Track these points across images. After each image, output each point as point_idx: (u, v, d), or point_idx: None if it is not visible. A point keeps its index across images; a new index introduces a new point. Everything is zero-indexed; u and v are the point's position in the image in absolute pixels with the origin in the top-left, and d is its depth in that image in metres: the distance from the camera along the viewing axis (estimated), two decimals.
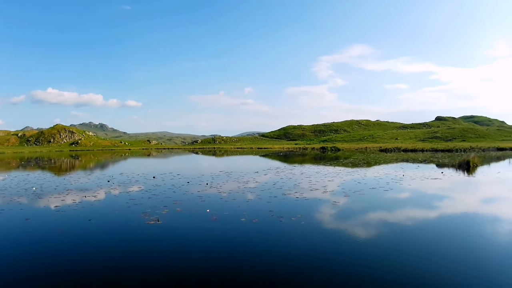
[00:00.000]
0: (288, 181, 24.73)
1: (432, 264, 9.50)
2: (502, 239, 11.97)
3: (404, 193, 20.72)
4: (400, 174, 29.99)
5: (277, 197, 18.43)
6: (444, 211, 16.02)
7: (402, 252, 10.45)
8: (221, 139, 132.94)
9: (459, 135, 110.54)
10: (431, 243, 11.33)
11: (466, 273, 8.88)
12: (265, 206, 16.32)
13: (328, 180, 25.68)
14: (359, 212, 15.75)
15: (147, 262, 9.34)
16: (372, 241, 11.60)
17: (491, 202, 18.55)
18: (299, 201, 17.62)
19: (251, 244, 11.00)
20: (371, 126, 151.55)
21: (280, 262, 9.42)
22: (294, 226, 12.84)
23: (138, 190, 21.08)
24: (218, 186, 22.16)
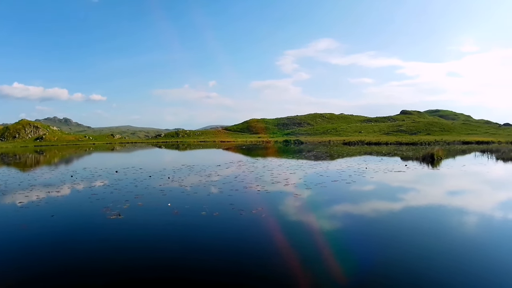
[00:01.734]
0: (250, 174, 24.93)
1: (397, 254, 9.74)
2: (467, 230, 12.34)
3: (366, 185, 21.05)
4: (363, 167, 30.23)
5: (238, 191, 18.55)
6: (406, 203, 16.35)
7: (365, 243, 10.67)
8: (184, 132, 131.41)
9: (424, 129, 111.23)
10: (394, 234, 11.62)
11: (433, 262, 9.07)
12: (226, 199, 16.45)
13: (290, 173, 25.91)
14: (320, 205, 15.99)
15: (108, 257, 9.43)
16: (334, 233, 11.81)
17: (455, 194, 18.90)
18: (261, 194, 17.78)
19: (211, 237, 11.07)
20: (334, 120, 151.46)
21: (239, 255, 9.58)
22: (255, 219, 12.99)
23: (101, 184, 21.03)
24: (179, 180, 22.20)
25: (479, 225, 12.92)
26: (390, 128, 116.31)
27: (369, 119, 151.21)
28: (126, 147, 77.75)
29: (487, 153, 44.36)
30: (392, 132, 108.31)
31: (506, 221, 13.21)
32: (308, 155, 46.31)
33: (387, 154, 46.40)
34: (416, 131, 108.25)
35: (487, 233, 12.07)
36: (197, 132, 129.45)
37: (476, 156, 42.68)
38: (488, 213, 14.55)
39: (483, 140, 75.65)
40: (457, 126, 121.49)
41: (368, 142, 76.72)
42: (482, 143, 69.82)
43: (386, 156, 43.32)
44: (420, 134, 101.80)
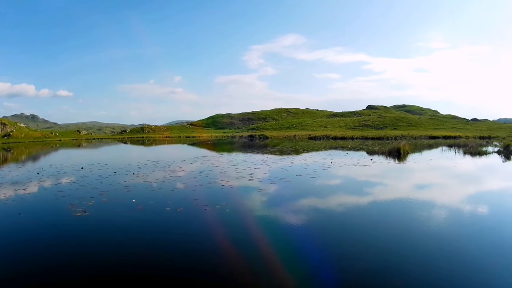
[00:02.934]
0: (215, 170, 25.04)
1: (362, 247, 9.98)
2: (434, 223, 12.69)
3: (331, 179, 21.36)
4: (328, 161, 30.47)
5: (202, 186, 18.69)
6: (371, 197, 16.71)
7: (329, 237, 10.94)
8: (149, 128, 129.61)
9: (390, 124, 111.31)
10: (359, 227, 11.89)
11: (400, 255, 9.39)
12: (190, 194, 16.53)
13: (254, 168, 26.08)
14: (284, 199, 16.23)
15: (73, 254, 9.51)
16: (297, 226, 12.05)
17: (421, 188, 19.26)
18: (225, 189, 17.99)
19: (175, 233, 11.26)
20: (300, 115, 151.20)
21: (202, 250, 9.73)
22: (218, 214, 13.15)
23: (67, 181, 20.93)
24: (144, 176, 22.26)
25: (446, 218, 13.29)
26: (356, 123, 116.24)
27: (335, 114, 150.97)
28: (92, 143, 77.15)
29: (454, 148, 44.59)
30: (358, 127, 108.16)
31: (472, 214, 13.60)
32: (273, 150, 46.45)
33: (352, 149, 46.53)
34: (382, 126, 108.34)
35: (454, 226, 12.42)
36: (162, 128, 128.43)
37: (443, 150, 43.01)
38: (454, 206, 14.94)
39: (451, 134, 75.77)
40: (424, 121, 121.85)
41: (333, 137, 76.90)
42: (450, 138, 70.10)
43: (352, 151, 43.57)
44: (386, 129, 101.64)
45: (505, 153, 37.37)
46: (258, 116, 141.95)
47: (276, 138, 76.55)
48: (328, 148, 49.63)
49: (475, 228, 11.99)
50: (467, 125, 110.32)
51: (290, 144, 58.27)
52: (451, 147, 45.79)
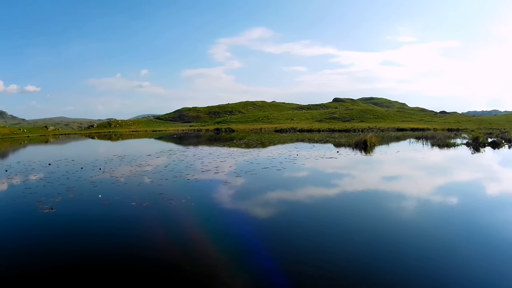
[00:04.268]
0: (180, 163, 25.10)
1: (330, 238, 10.25)
2: (401, 213, 13.05)
3: (296, 172, 21.59)
4: (294, 153, 30.66)
5: (168, 180, 18.76)
6: (336, 188, 16.98)
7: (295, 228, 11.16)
8: (116, 122, 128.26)
9: (357, 116, 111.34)
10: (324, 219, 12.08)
11: (370, 246, 9.63)
12: (156, 189, 16.62)
13: (220, 161, 26.19)
14: (249, 192, 16.54)
15: (40, 251, 9.58)
16: (262, 219, 12.27)
17: (387, 179, 19.68)
18: (190, 183, 18.15)
19: (141, 228, 11.37)
20: (266, 107, 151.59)
21: (168, 244, 9.87)
22: (184, 208, 13.30)
23: (34, 178, 20.66)
24: (110, 171, 22.24)
25: (414, 209, 13.58)
26: (323, 116, 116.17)
27: (301, 107, 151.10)
28: (59, 139, 76.43)
29: (422, 140, 44.86)
30: (325, 119, 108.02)
31: (440, 205, 13.94)
32: (239, 143, 46.54)
33: (319, 141, 46.68)
34: (349, 118, 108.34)
35: (422, 216, 12.72)
36: (129, 122, 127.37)
37: (411, 142, 43.27)
38: (419, 197, 15.28)
39: (418, 127, 75.93)
40: (391, 113, 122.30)
41: (300, 129, 76.84)
42: (417, 130, 70.24)
43: (318, 143, 43.69)
44: (353, 121, 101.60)
45: (474, 145, 37.75)
46: (225, 110, 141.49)
47: (242, 131, 76.61)
48: (295, 140, 49.72)
49: (444, 218, 12.29)
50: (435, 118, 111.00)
51: (256, 137, 58.37)
52: (419, 139, 46.06)
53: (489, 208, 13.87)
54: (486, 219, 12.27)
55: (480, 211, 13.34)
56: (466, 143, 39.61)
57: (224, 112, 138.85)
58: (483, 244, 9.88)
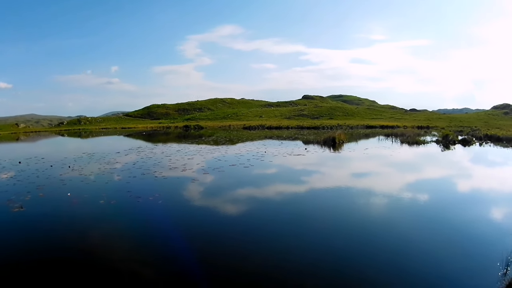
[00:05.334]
0: (148, 161, 25.11)
1: (298, 235, 10.43)
2: (369, 209, 13.36)
3: (264, 169, 21.85)
4: (262, 150, 30.86)
5: (136, 177, 18.86)
6: (303, 185, 17.27)
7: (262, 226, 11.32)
8: (86, 119, 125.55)
9: (326, 113, 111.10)
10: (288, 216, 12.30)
11: (338, 243, 9.86)
12: (124, 186, 16.71)
13: (188, 158, 26.28)
14: (216, 189, 16.68)
15: (10, 249, 9.68)
16: (229, 216, 12.53)
17: (354, 176, 20.05)
18: (158, 180, 18.21)
19: (108, 225, 11.46)
20: (235, 105, 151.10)
21: (134, 242, 10.05)
22: (151, 205, 13.46)
23: (4, 177, 20.51)
24: (80, 169, 22.12)
25: (381, 205, 13.91)
26: (292, 113, 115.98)
27: (270, 104, 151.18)
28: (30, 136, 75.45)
29: (391, 137, 45.17)
30: (294, 117, 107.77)
31: (406, 201, 14.23)
32: (208, 140, 46.53)
33: (287, 138, 47.03)
34: (318, 115, 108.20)
35: (389, 212, 13.07)
36: (98, 119, 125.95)
37: (380, 140, 43.46)
38: (385, 193, 15.60)
39: (388, 124, 76.03)
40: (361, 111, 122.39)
41: (268, 126, 76.62)
42: (387, 127, 70.20)
43: (287, 140, 44.07)
44: (322, 119, 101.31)
45: (444, 142, 38.25)
46: (194, 107, 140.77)
47: (211, 128, 76.37)
48: (263, 137, 49.87)
49: (411, 214, 12.68)
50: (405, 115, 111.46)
51: (225, 134, 58.31)
52: (388, 137, 46.35)
53: (457, 204, 14.30)
54: (453, 215, 12.57)
55: (447, 206, 13.65)
56: (436, 140, 40.12)
57: (193, 109, 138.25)
58: (449, 237, 10.23)
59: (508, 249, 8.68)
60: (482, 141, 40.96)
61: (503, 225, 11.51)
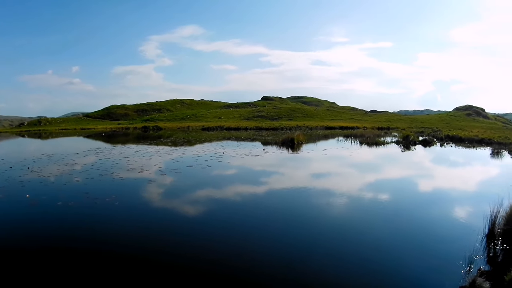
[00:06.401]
0: (107, 162, 24.98)
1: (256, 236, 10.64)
2: (327, 210, 13.59)
3: (221, 170, 22.08)
4: (220, 151, 31.05)
5: (94, 179, 18.79)
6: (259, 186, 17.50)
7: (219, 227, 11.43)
8: (46, 120, 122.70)
9: (285, 115, 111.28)
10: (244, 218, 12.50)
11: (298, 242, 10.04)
12: (81, 188, 16.62)
13: (146, 159, 26.27)
14: (172, 190, 16.89)
15: None
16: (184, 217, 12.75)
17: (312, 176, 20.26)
18: (115, 181, 18.22)
19: (65, 228, 11.43)
20: (194, 106, 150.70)
21: (91, 243, 10.07)
22: (108, 207, 13.52)
23: None
24: (39, 170, 21.85)
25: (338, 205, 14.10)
26: (251, 114, 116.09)
27: (229, 105, 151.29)
28: None
29: (351, 138, 45.55)
30: (253, 118, 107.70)
31: (367, 201, 14.65)
32: (166, 141, 46.46)
33: (246, 139, 47.26)
34: (277, 116, 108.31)
35: (347, 213, 13.32)
36: (59, 120, 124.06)
37: (339, 140, 43.92)
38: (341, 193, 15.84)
39: (348, 125, 76.43)
40: (320, 112, 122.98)
41: (227, 128, 76.75)
42: (347, 128, 70.63)
43: (245, 141, 44.35)
44: (281, 120, 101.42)
45: (404, 143, 38.92)
46: (153, 107, 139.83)
47: (170, 129, 76.16)
48: (221, 138, 50.08)
49: (372, 214, 12.94)
50: (365, 117, 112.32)
51: (184, 135, 58.24)
52: (348, 138, 46.72)
53: (418, 203, 14.78)
54: (414, 214, 12.98)
55: (408, 206, 14.17)
56: (396, 141, 41.04)
57: (153, 110, 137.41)
58: (411, 236, 10.59)
59: (470, 247, 9.11)
60: (443, 142, 41.82)
61: (464, 224, 11.91)
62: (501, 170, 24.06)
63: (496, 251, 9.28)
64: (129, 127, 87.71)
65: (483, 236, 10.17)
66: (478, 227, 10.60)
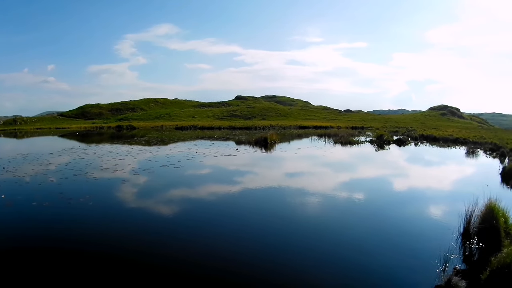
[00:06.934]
0: (81, 162, 24.93)
1: (231, 235, 10.83)
2: (301, 208, 13.93)
3: (194, 169, 22.35)
4: (194, 151, 31.33)
5: (68, 179, 18.79)
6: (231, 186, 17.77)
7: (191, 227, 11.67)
8: (21, 119, 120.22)
9: (259, 114, 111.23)
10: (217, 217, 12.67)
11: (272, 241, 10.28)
12: (56, 188, 16.63)
13: (119, 159, 26.29)
14: (145, 190, 16.99)
15: None
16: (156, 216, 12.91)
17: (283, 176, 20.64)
18: (89, 181, 18.26)
19: (40, 228, 11.53)
20: (168, 105, 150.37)
21: (65, 243, 10.19)
22: (82, 207, 13.58)
23: None
24: (14, 170, 21.77)
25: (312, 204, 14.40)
26: (224, 113, 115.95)
27: (203, 104, 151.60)
28: None
29: (324, 137, 45.90)
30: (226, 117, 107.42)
31: (341, 200, 15.00)
32: (140, 140, 46.58)
33: (219, 139, 47.50)
34: (251, 116, 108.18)
35: (322, 212, 13.59)
36: (34, 119, 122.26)
37: (313, 140, 44.39)
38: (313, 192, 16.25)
39: (321, 125, 77.00)
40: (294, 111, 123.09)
41: (201, 127, 76.87)
42: (320, 128, 71.25)
43: (218, 141, 44.60)
44: (255, 119, 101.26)
45: (378, 142, 39.40)
46: (127, 107, 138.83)
47: (143, 129, 76.03)
48: (195, 138, 50.26)
49: (347, 213, 13.29)
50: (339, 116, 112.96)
51: (157, 134, 58.30)
52: (321, 137, 47.19)
53: (392, 202, 15.20)
54: (389, 213, 13.33)
55: (383, 205, 14.50)
56: (370, 140, 41.63)
57: (127, 109, 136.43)
58: (386, 235, 10.85)
59: (446, 246, 9.25)
60: (418, 141, 42.52)
61: (440, 223, 12.17)
62: (476, 169, 24.61)
63: (471, 249, 9.46)
64: (103, 126, 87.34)
65: (459, 235, 10.44)
66: (454, 226, 10.90)
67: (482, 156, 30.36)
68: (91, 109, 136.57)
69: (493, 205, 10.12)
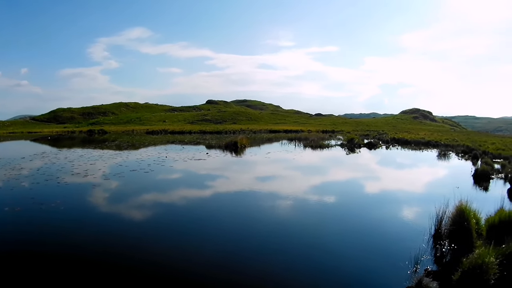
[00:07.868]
0: (52, 166, 24.81)
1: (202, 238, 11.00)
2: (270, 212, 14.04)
3: (163, 174, 22.42)
4: (164, 155, 31.44)
5: (40, 183, 18.74)
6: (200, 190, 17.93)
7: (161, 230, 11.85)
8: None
9: (230, 118, 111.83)
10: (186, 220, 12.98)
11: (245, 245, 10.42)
12: (28, 193, 16.60)
13: (90, 164, 26.25)
14: (115, 195, 17.09)
15: None
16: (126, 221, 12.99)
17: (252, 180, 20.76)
18: (60, 186, 18.24)
19: (11, 231, 11.69)
20: (139, 109, 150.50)
21: (37, 247, 10.23)
22: (54, 211, 13.57)
23: None
24: None
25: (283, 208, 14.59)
26: (195, 117, 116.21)
27: (174, 108, 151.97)
28: None
29: (295, 141, 46.29)
30: (197, 121, 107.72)
31: (312, 203, 15.23)
32: (111, 144, 46.47)
33: (189, 143, 47.69)
34: (221, 120, 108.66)
35: (293, 215, 13.77)
36: (6, 123, 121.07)
37: (283, 144, 45.02)
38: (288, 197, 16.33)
39: (292, 128, 77.81)
40: (265, 115, 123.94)
41: (171, 131, 77.55)
42: (291, 132, 72.27)
43: (189, 145, 44.82)
44: (225, 123, 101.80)
45: (349, 146, 39.91)
46: (98, 111, 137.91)
47: (115, 133, 75.76)
48: (165, 142, 50.28)
49: (317, 216, 13.46)
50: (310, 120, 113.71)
51: (128, 138, 58.39)
52: (292, 141, 47.75)
53: (362, 204, 15.44)
54: (360, 215, 13.63)
55: (353, 207, 14.85)
56: (340, 144, 42.23)
57: (98, 113, 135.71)
58: (357, 237, 11.10)
59: (417, 247, 9.44)
60: (389, 144, 43.22)
61: (411, 224, 12.41)
62: (448, 172, 25.26)
63: (442, 251, 9.67)
64: (75, 130, 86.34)
65: (430, 236, 10.68)
66: (425, 227, 11.10)
67: (454, 159, 31.13)
68: (63, 113, 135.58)
69: (464, 207, 10.34)
